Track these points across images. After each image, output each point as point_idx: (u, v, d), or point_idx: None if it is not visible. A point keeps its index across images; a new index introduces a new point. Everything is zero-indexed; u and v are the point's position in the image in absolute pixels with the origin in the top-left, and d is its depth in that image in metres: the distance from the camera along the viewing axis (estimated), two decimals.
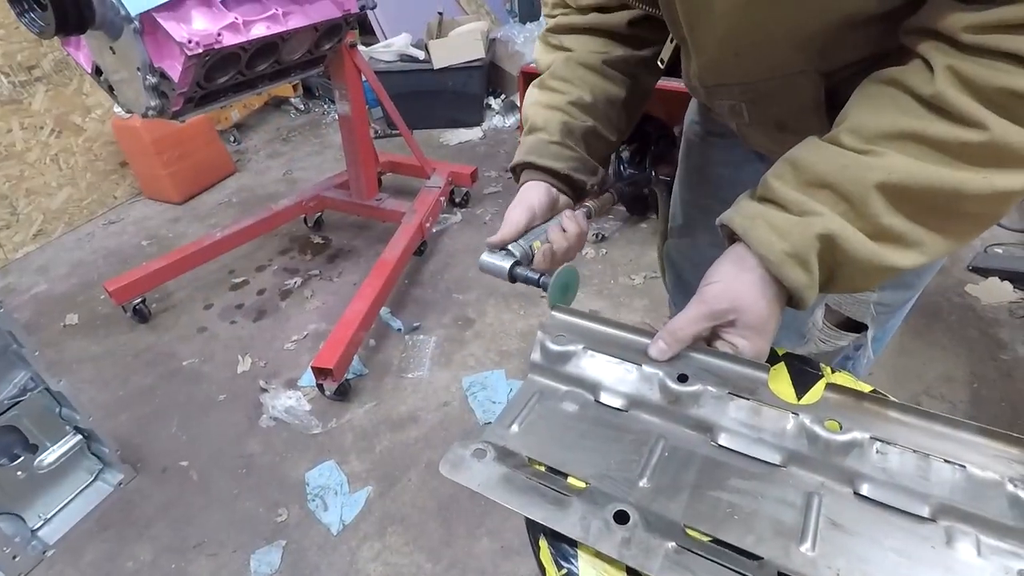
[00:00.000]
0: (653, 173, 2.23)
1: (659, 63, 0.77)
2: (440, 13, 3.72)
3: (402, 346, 2.11)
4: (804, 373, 0.61)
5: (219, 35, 1.54)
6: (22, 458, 1.47)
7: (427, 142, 3.60)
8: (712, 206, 0.98)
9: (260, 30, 1.66)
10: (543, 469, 0.55)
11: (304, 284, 2.49)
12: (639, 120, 0.90)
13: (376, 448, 1.75)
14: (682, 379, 0.58)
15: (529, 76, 2.59)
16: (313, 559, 1.47)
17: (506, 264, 0.68)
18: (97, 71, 1.67)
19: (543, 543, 0.50)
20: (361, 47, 2.46)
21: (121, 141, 3.06)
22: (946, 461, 0.48)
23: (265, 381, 2.00)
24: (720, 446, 0.54)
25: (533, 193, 0.72)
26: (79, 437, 1.57)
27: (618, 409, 0.59)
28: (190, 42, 1.46)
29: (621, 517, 0.48)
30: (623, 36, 0.76)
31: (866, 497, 0.48)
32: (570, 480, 0.53)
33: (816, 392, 0.57)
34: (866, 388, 0.59)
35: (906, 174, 0.48)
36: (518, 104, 3.62)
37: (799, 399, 0.58)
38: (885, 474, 0.49)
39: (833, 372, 0.61)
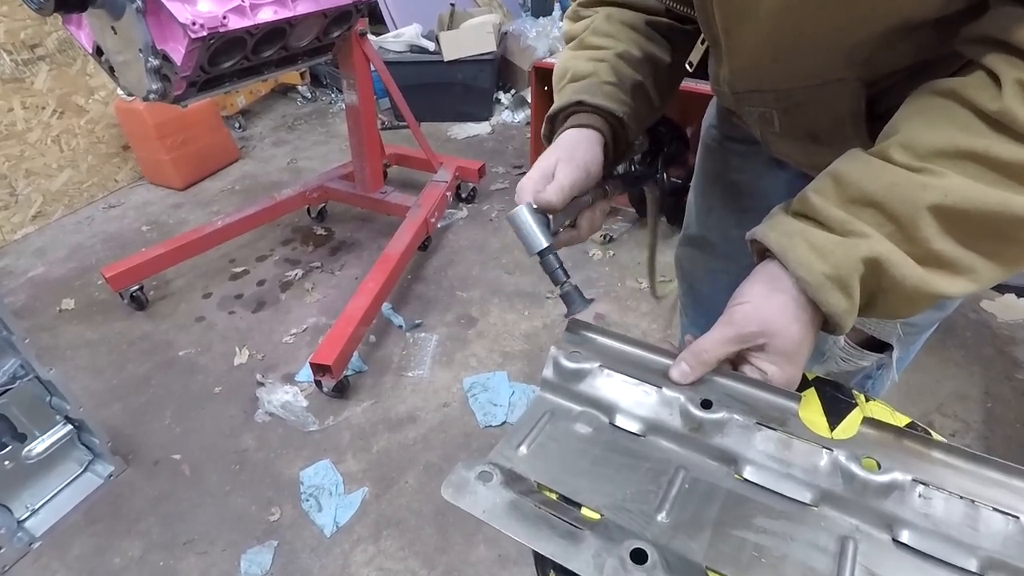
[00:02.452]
0: (664, 175, 2.16)
1: (687, 66, 0.72)
2: (452, 4, 3.67)
3: (403, 343, 2.08)
4: (836, 401, 0.57)
5: (224, 18, 1.49)
6: (10, 447, 1.43)
7: (434, 135, 3.55)
8: (729, 215, 0.95)
9: (267, 14, 1.62)
10: (553, 496, 0.51)
11: (305, 276, 2.45)
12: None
13: (373, 448, 1.72)
14: (706, 405, 0.54)
15: (541, 72, 2.54)
16: (305, 562, 1.44)
17: (543, 240, 0.58)
18: (98, 51, 1.62)
19: None
20: (371, 36, 2.42)
21: (124, 124, 3.02)
22: (997, 510, 0.44)
23: (262, 375, 1.96)
24: (745, 480, 0.50)
25: (585, 148, 0.62)
26: (69, 427, 1.53)
27: (635, 434, 0.56)
28: (194, 24, 1.42)
29: (639, 556, 0.44)
30: (660, 12, 0.71)
31: (906, 545, 0.45)
32: (583, 511, 0.49)
33: (851, 426, 0.53)
34: (903, 420, 0.55)
35: (963, 196, 0.44)
36: (528, 100, 3.57)
37: (832, 429, 0.54)
38: (928, 521, 0.45)
39: (867, 400, 0.58)
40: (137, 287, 2.24)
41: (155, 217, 2.93)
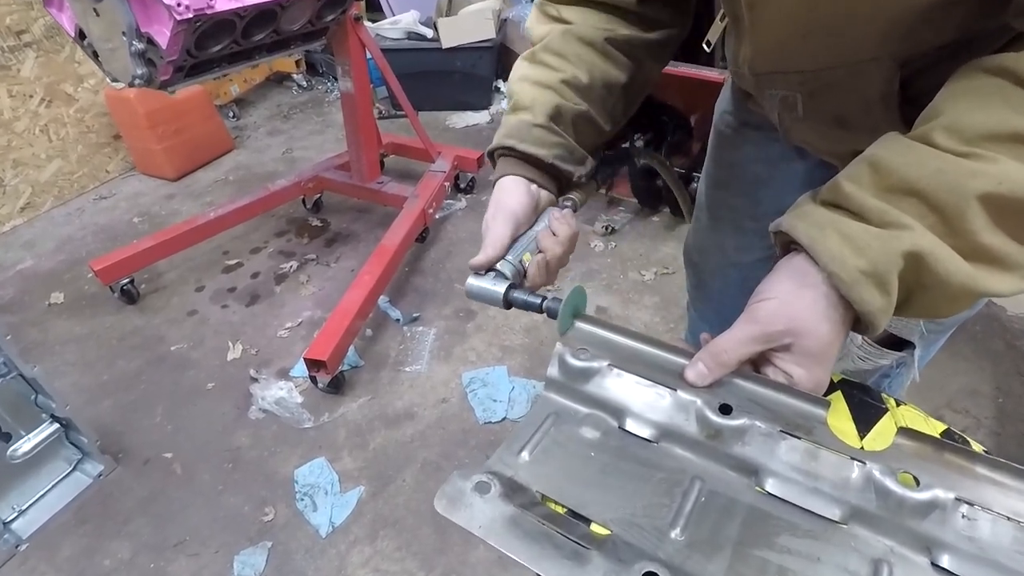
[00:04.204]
0: (631, 144, 2.04)
1: (704, 45, 0.68)
2: None
3: (400, 337, 2.03)
4: (866, 405, 0.53)
5: None
6: None
7: (432, 124, 3.49)
8: (742, 206, 0.90)
9: None
10: (560, 510, 0.47)
11: (300, 268, 2.40)
12: (655, 109, 0.82)
13: (370, 445, 1.68)
14: (724, 410, 0.49)
15: None
16: (300, 563, 1.40)
17: (499, 289, 0.60)
18: (81, 35, 1.56)
19: None
20: (367, 23, 2.35)
21: (114, 113, 2.95)
22: None
23: (256, 370, 1.92)
24: (768, 494, 0.46)
25: (512, 196, 0.64)
26: (56, 426, 1.49)
27: (647, 440, 0.51)
28: (179, 6, 1.36)
29: None
30: (631, 14, 0.67)
31: (947, 571, 0.41)
32: (591, 526, 0.45)
33: (885, 435, 0.49)
34: (938, 427, 0.51)
35: (1020, 184, 0.39)
36: None
37: (861, 437, 0.49)
38: (973, 544, 0.41)
39: (898, 405, 0.53)
40: (128, 280, 2.19)
41: (147, 208, 2.88)
